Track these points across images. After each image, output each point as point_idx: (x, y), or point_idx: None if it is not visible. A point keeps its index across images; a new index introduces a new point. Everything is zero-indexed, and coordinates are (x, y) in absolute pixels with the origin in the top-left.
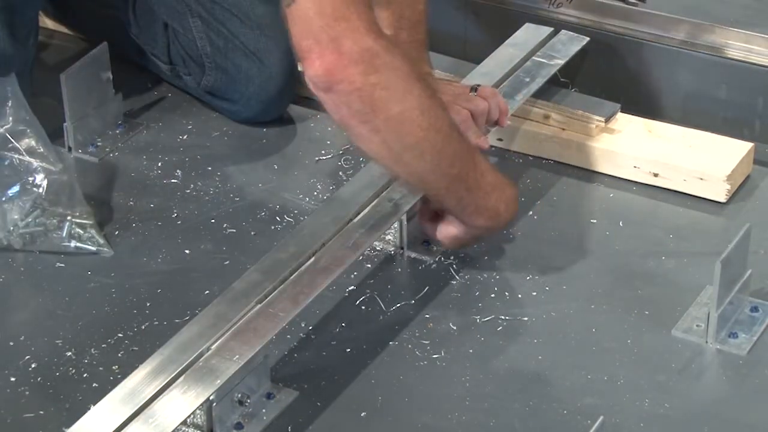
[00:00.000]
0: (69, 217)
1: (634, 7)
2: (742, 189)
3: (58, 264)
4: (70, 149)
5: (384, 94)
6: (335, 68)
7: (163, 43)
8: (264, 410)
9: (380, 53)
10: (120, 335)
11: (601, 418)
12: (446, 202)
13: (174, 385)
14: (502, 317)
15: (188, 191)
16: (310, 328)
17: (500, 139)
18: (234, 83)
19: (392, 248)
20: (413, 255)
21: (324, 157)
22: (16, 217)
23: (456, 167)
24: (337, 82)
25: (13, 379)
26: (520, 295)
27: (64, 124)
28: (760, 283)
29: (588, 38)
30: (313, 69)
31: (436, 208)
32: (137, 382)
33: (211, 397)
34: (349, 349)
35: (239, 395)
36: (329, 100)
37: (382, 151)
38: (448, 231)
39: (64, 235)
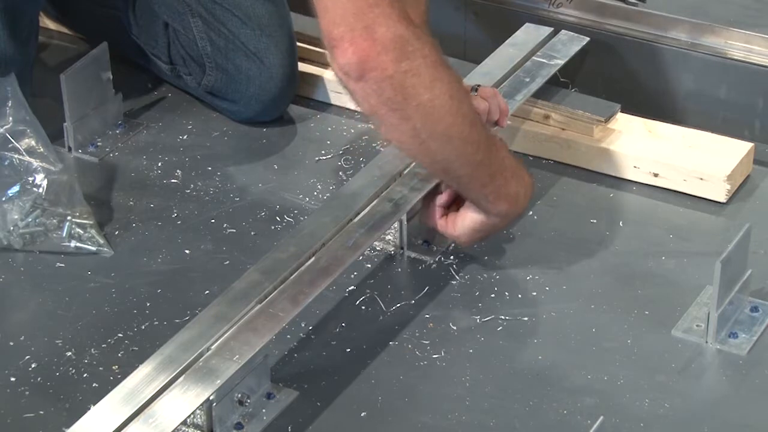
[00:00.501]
0: (69, 217)
1: (634, 7)
2: (742, 189)
3: (58, 264)
4: (70, 149)
5: (415, 81)
6: (368, 56)
7: (164, 42)
8: (264, 410)
9: (411, 40)
10: (120, 335)
11: (601, 418)
12: (470, 188)
13: (174, 385)
14: (502, 317)
15: (188, 191)
16: (310, 328)
17: (500, 140)
18: (234, 83)
19: (392, 248)
20: (413, 255)
21: (324, 157)
22: (16, 217)
23: (480, 153)
24: (370, 69)
25: (13, 379)
26: (520, 295)
27: (64, 124)
28: (760, 283)
29: (588, 38)
30: (345, 57)
31: (442, 203)
32: (137, 382)
33: (211, 397)
34: (349, 349)
35: (239, 395)
36: (360, 90)
37: (410, 139)
38: (465, 223)
39: (64, 235)
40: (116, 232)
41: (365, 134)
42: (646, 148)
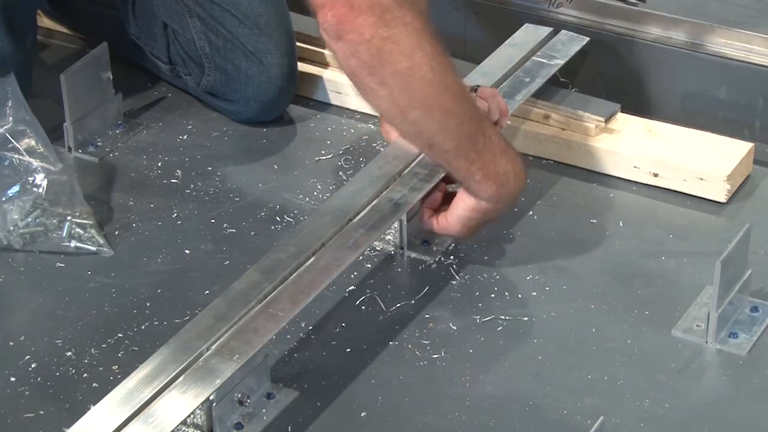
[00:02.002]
0: (69, 217)
1: (634, 7)
2: (742, 189)
3: (58, 264)
4: (70, 149)
5: (393, 47)
6: (346, 18)
7: (163, 43)
8: (264, 410)
9: (392, 7)
10: (120, 335)
11: (601, 418)
12: (456, 165)
13: (174, 385)
14: (502, 317)
15: (188, 191)
16: (310, 328)
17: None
18: (233, 83)
19: (392, 248)
20: (413, 255)
21: (324, 157)
22: (16, 217)
23: (465, 126)
24: (347, 31)
25: (13, 379)
26: (520, 295)
27: (64, 124)
28: (760, 283)
29: (588, 38)
30: (324, 18)
31: (430, 205)
32: (137, 382)
33: (211, 397)
34: (349, 349)
35: (239, 395)
36: (339, 50)
37: (389, 106)
38: (457, 212)
39: (64, 235)
40: (116, 232)
41: (365, 134)
42: (646, 148)
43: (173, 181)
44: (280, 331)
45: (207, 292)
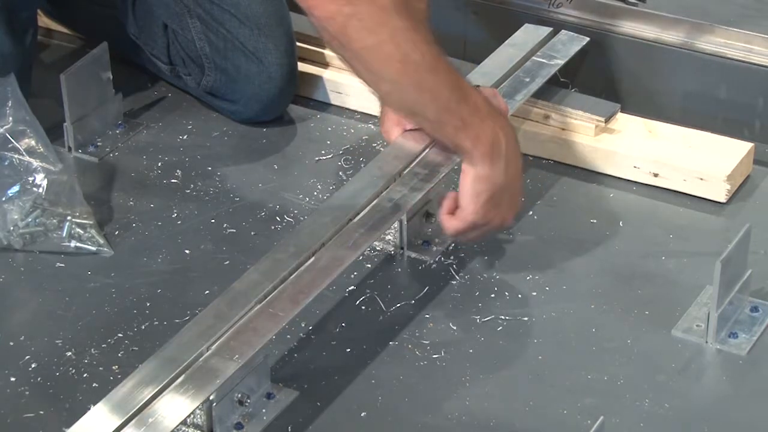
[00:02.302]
0: (69, 217)
1: (634, 7)
2: (742, 189)
3: (58, 264)
4: (70, 149)
5: (358, 24)
6: None
7: (163, 43)
8: (264, 410)
9: None
10: (120, 335)
11: (601, 418)
12: (442, 133)
13: (174, 384)
14: (502, 317)
15: (188, 191)
16: (310, 328)
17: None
18: (234, 83)
19: (392, 248)
20: (413, 255)
21: (324, 157)
22: (16, 217)
23: (443, 98)
24: (313, 7)
25: (13, 379)
26: (520, 295)
27: (64, 124)
28: (760, 283)
29: (588, 38)
30: None
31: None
32: (137, 382)
33: (211, 397)
34: (349, 349)
35: (239, 395)
36: (315, 22)
37: (362, 78)
38: (464, 190)
39: (64, 235)
40: (116, 232)
41: (365, 134)
42: (646, 148)
43: (173, 181)
44: (280, 331)
45: (207, 292)
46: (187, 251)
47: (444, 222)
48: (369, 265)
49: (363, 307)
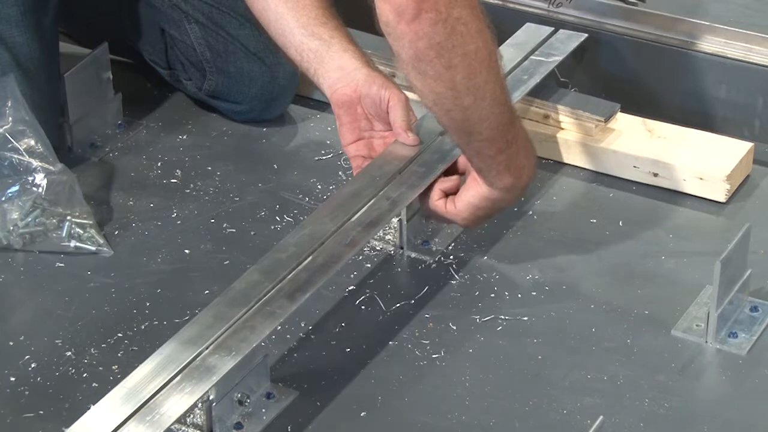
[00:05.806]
0: (69, 217)
1: (634, 7)
2: (742, 189)
3: (58, 264)
4: (70, 149)
5: (463, 29)
6: None
7: (161, 48)
8: (264, 410)
9: None
10: (120, 335)
11: (601, 418)
12: (483, 155)
13: (173, 384)
14: (502, 317)
15: (188, 191)
16: (310, 328)
17: None
18: (237, 85)
19: (392, 248)
20: (413, 255)
21: (324, 157)
22: (15, 217)
23: (505, 116)
24: (427, 9)
25: (13, 379)
26: (520, 295)
27: (64, 124)
28: (760, 283)
29: (586, 34)
30: (399, 1)
31: (445, 188)
32: (137, 382)
33: (210, 397)
34: (349, 349)
35: (239, 395)
36: (411, 32)
37: (447, 91)
38: (467, 199)
39: (63, 235)
40: (116, 232)
41: None
42: (646, 148)
43: (173, 181)
44: (279, 330)
45: (207, 292)
46: (186, 251)
47: (432, 201)
48: (369, 265)
49: (363, 307)
